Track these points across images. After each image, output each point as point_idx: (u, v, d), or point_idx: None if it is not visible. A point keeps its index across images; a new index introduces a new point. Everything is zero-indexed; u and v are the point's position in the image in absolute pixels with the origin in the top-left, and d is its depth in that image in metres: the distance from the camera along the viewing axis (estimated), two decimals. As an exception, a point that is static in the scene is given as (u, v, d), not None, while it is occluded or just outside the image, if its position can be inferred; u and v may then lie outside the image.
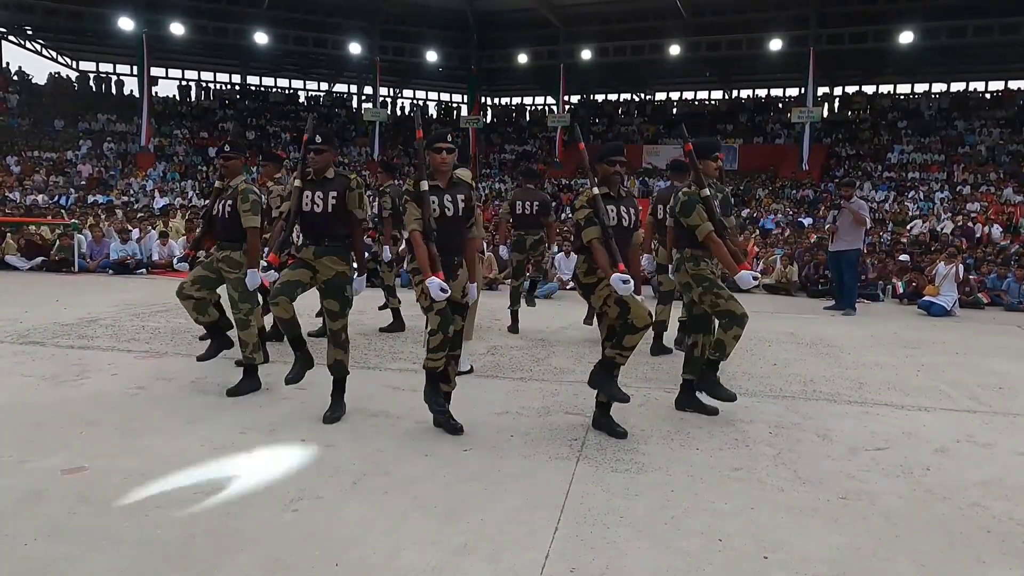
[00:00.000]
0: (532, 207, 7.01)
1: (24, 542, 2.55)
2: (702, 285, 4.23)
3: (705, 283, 4.22)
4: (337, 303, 4.08)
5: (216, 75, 34.15)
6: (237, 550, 2.54)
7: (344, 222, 4.10)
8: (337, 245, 4.08)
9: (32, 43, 30.15)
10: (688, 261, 4.29)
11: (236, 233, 4.55)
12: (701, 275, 4.24)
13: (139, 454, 3.41)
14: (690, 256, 4.28)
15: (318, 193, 4.04)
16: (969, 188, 21.92)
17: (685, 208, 4.17)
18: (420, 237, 3.66)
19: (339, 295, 4.07)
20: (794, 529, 2.82)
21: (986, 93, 28.97)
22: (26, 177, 23.16)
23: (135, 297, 8.81)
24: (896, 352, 6.56)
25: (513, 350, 6.12)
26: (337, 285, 4.06)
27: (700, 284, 4.24)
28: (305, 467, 3.32)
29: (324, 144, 4.08)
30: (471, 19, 27.93)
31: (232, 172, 4.64)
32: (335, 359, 4.11)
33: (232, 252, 4.57)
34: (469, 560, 2.51)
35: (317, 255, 4.05)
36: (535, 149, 30.47)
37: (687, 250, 4.29)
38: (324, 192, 4.04)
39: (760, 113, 30.22)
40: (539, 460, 3.49)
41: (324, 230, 4.05)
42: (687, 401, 4.40)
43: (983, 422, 4.35)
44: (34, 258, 11.97)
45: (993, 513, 3.00)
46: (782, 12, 24.81)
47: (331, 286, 4.06)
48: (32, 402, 4.23)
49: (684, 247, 4.31)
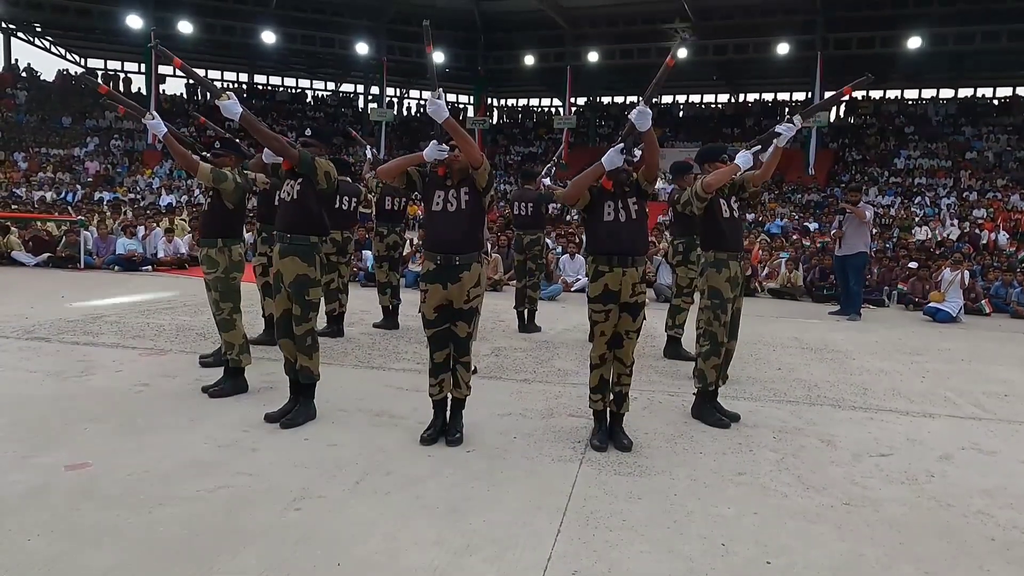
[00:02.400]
0: (528, 208, 7.15)
1: (27, 537, 2.56)
2: (711, 299, 4.23)
3: (715, 299, 4.21)
4: (299, 307, 3.89)
5: (223, 74, 34.27)
6: (239, 548, 2.54)
7: (308, 214, 3.90)
8: (302, 244, 3.88)
9: (41, 40, 30.31)
10: (710, 267, 4.25)
11: (213, 229, 4.45)
12: (716, 289, 4.22)
13: (142, 451, 3.42)
14: (713, 261, 4.24)
15: (289, 182, 3.95)
16: (976, 194, 21.85)
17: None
18: (402, 161, 3.64)
19: (301, 298, 3.88)
20: (797, 535, 2.81)
21: (994, 99, 28.92)
22: (33, 173, 23.28)
23: (140, 294, 8.83)
24: (901, 358, 6.53)
25: (517, 352, 6.11)
26: (299, 288, 3.87)
27: (711, 297, 4.24)
28: (308, 466, 3.31)
29: (313, 138, 4.03)
30: (478, 20, 27.98)
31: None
32: (301, 365, 3.93)
33: (209, 250, 4.45)
34: (471, 561, 2.51)
35: (281, 255, 3.90)
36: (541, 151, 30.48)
37: (711, 253, 4.25)
38: (295, 180, 3.92)
39: (766, 117, 30.16)
40: (542, 462, 3.49)
41: (291, 219, 3.88)
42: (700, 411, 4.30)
43: (988, 430, 4.33)
44: (40, 254, 12.02)
45: (997, 521, 2.99)
46: (790, 16, 24.78)
47: (294, 289, 3.88)
48: (36, 398, 4.24)
49: (708, 248, 4.28)
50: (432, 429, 3.71)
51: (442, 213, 3.59)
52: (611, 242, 3.58)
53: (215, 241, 4.45)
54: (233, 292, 4.48)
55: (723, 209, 4.27)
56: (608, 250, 3.58)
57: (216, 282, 4.46)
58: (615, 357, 3.70)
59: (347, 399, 4.40)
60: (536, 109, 35.73)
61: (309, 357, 3.93)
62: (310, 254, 3.91)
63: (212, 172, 4.37)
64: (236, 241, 4.54)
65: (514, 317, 7.37)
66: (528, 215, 7.15)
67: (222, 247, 4.45)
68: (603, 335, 3.65)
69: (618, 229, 3.58)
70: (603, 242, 3.60)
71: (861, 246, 9.03)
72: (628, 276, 3.57)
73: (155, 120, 4.33)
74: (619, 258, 3.55)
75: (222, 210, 4.48)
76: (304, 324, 3.91)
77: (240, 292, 4.53)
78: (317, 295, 3.95)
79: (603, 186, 3.59)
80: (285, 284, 3.90)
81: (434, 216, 3.61)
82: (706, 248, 4.30)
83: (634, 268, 3.58)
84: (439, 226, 3.59)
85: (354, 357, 5.66)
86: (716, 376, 4.25)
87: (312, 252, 3.92)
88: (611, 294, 3.58)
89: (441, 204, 3.59)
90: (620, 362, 3.71)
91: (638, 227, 3.63)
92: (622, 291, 3.57)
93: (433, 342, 3.68)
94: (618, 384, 3.73)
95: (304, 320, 3.91)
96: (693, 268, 5.80)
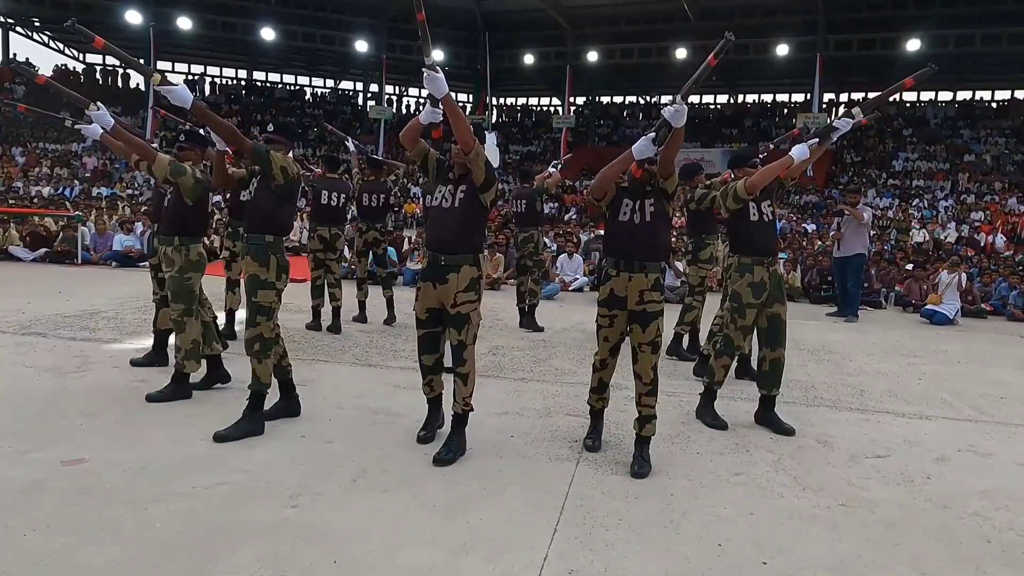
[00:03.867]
0: (522, 205, 7.31)
1: (23, 532, 2.55)
2: (732, 302, 4.21)
3: (735, 303, 4.18)
4: (248, 309, 3.69)
5: (222, 70, 34.23)
6: (236, 545, 2.54)
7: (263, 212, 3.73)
8: (258, 244, 3.70)
9: (39, 35, 30.24)
10: (736, 271, 4.19)
11: (171, 226, 4.28)
12: (736, 293, 4.18)
13: (139, 447, 3.41)
14: (738, 265, 4.17)
15: (254, 180, 3.88)
16: (974, 197, 21.89)
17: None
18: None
19: (250, 300, 3.68)
20: (794, 535, 2.82)
21: (992, 102, 28.99)
22: (31, 168, 23.23)
23: (137, 290, 8.80)
24: (898, 360, 6.54)
25: (514, 350, 6.11)
26: (250, 288, 3.68)
27: (732, 300, 4.22)
28: (305, 464, 3.31)
29: (276, 133, 3.89)
30: (479, 19, 27.96)
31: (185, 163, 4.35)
32: (252, 370, 3.68)
33: (167, 247, 4.29)
34: (468, 559, 2.51)
35: (242, 254, 3.80)
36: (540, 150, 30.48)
37: (736, 257, 4.19)
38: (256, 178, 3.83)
39: (765, 118, 30.20)
40: (539, 461, 3.49)
41: (249, 218, 3.79)
42: (763, 417, 4.25)
43: (984, 432, 4.34)
44: (38, 249, 11.99)
45: (994, 523, 3.00)
46: (790, 17, 24.81)
47: (246, 287, 3.72)
48: (33, 393, 4.23)
49: (735, 252, 4.21)
50: (428, 428, 3.68)
51: (437, 209, 3.46)
52: (621, 244, 3.42)
53: (172, 239, 4.27)
54: (186, 293, 4.28)
55: (751, 212, 4.16)
56: (617, 252, 3.42)
57: (170, 281, 4.28)
58: (634, 374, 3.49)
59: (344, 397, 4.40)
60: (536, 108, 35.73)
61: (259, 362, 3.66)
62: (264, 254, 3.69)
63: (170, 165, 4.17)
64: (195, 240, 4.35)
65: (512, 315, 7.38)
66: (522, 212, 7.28)
67: (179, 246, 4.26)
68: (607, 340, 3.53)
69: (630, 231, 3.39)
70: (613, 244, 3.46)
71: (859, 248, 9.04)
72: (635, 282, 3.37)
73: (100, 111, 4.15)
74: (626, 262, 3.38)
75: (181, 206, 4.28)
76: (252, 328, 3.66)
77: (194, 294, 4.34)
78: (268, 298, 3.69)
79: (632, 175, 3.40)
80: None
81: (430, 212, 3.51)
82: (733, 251, 4.25)
83: (643, 274, 3.37)
84: (433, 222, 3.48)
85: (351, 355, 5.66)
86: (724, 376, 4.25)
87: (266, 252, 3.69)
88: (617, 300, 3.42)
89: (438, 200, 3.46)
90: (639, 380, 3.45)
91: (652, 231, 3.40)
92: (628, 298, 3.39)
93: (422, 344, 3.55)
94: (639, 405, 3.46)
95: (252, 324, 3.67)
96: (704, 267, 5.80)
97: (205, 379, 4.45)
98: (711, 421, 4.16)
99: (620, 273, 3.41)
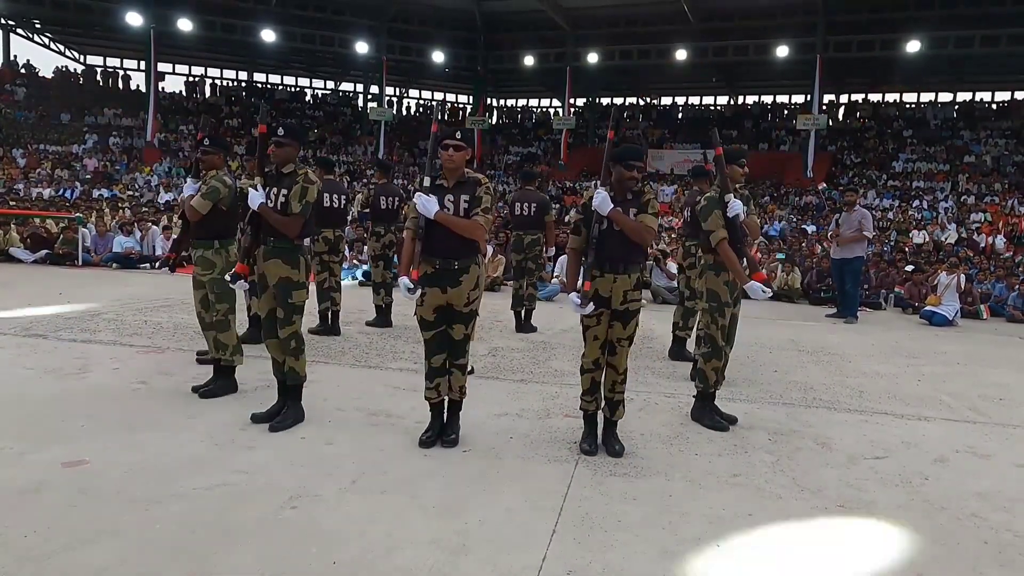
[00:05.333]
0: (530, 208, 7.16)
1: (23, 533, 2.56)
2: (710, 302, 4.24)
3: (713, 302, 4.21)
4: (283, 310, 3.84)
5: (223, 71, 34.24)
6: (235, 546, 2.55)
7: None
8: (284, 247, 3.82)
9: (40, 36, 30.26)
10: (709, 270, 4.24)
11: (209, 230, 4.39)
12: (714, 292, 4.21)
13: (139, 448, 3.42)
14: (712, 264, 4.21)
15: (273, 190, 3.86)
16: (974, 198, 21.89)
17: (703, 212, 4.16)
18: (409, 235, 3.58)
19: (285, 302, 3.83)
20: (792, 536, 2.82)
21: (992, 103, 28.96)
22: (31, 170, 23.23)
23: (138, 291, 8.83)
24: (897, 361, 6.55)
25: (514, 352, 6.12)
26: (283, 291, 3.83)
27: (709, 300, 4.24)
28: (304, 465, 3.32)
29: (287, 137, 3.87)
30: (479, 20, 27.98)
31: (210, 167, 4.45)
32: (288, 366, 3.91)
33: (205, 251, 4.39)
34: (467, 560, 2.52)
35: (265, 257, 3.85)
36: (540, 151, 30.50)
37: (710, 256, 4.22)
38: (278, 189, 3.85)
39: (765, 120, 30.21)
40: (538, 462, 3.50)
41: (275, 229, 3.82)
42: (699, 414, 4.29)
43: (983, 433, 4.35)
44: (38, 251, 12.01)
45: (991, 524, 3.00)
46: (790, 19, 24.81)
47: (278, 292, 3.84)
48: (34, 395, 4.24)
49: (708, 251, 4.24)
50: (430, 432, 3.70)
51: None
52: (603, 250, 3.52)
53: (211, 243, 4.40)
54: (229, 293, 4.42)
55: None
56: (599, 257, 3.53)
57: (212, 283, 4.40)
58: (608, 364, 3.66)
59: (344, 398, 4.41)
60: (535, 110, 35.74)
61: (296, 359, 3.90)
62: (294, 257, 3.84)
63: (204, 198, 4.30)
64: (231, 241, 4.51)
65: (511, 317, 7.38)
66: (530, 215, 7.15)
67: (219, 248, 4.40)
68: (596, 339, 3.63)
69: (611, 236, 3.52)
70: (595, 249, 3.54)
71: (858, 249, 9.07)
72: (620, 283, 3.52)
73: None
74: (610, 264, 3.52)
75: (218, 212, 4.42)
76: (288, 327, 3.86)
77: (234, 293, 4.47)
78: (301, 297, 3.88)
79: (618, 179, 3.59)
80: (270, 285, 3.87)
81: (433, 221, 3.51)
82: (707, 251, 4.28)
83: (626, 275, 3.53)
84: (439, 231, 3.51)
85: (351, 356, 5.67)
86: (716, 378, 4.26)
87: (296, 255, 3.85)
88: (602, 300, 3.54)
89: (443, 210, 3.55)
90: (613, 369, 3.66)
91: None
92: (613, 297, 3.54)
93: (430, 345, 3.65)
94: (611, 391, 3.68)
95: (288, 323, 3.86)
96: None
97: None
98: (711, 423, 4.17)
99: (604, 275, 3.54)
